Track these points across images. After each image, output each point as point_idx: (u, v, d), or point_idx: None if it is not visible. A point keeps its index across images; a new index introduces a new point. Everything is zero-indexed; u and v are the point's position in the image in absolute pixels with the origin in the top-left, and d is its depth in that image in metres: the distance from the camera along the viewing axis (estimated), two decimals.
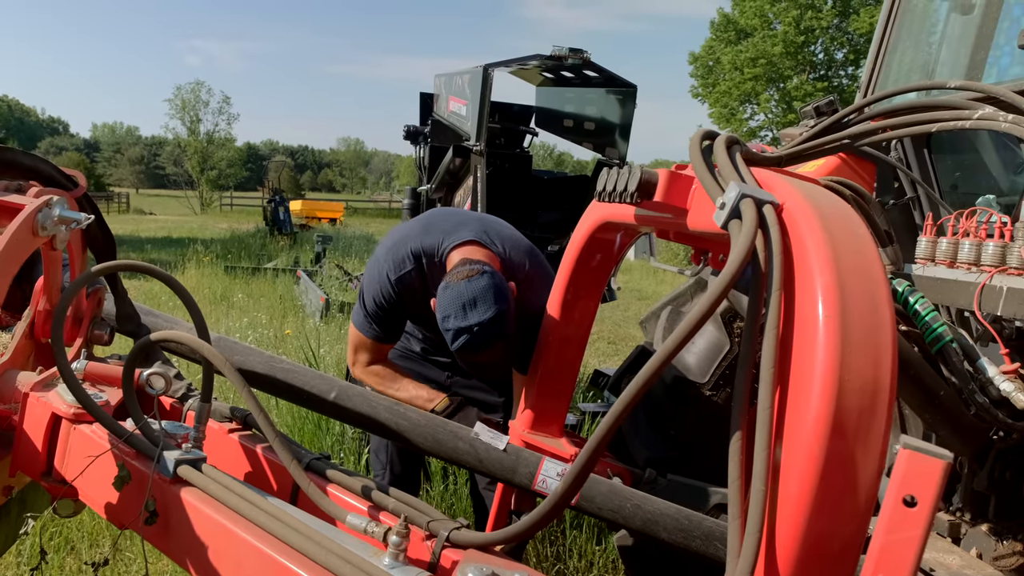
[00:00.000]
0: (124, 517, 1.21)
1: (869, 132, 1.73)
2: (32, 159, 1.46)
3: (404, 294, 2.10)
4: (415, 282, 2.09)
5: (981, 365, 1.74)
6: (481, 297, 1.81)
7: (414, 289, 2.10)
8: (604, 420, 0.95)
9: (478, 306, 1.80)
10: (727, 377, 2.04)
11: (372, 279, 2.14)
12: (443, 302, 1.86)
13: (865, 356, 0.89)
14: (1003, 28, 2.54)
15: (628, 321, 10.10)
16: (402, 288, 2.09)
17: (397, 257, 2.10)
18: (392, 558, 1.04)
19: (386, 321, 2.17)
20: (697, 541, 1.39)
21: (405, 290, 2.09)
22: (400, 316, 2.19)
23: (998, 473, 1.99)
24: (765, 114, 32.57)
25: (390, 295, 2.10)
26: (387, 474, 2.55)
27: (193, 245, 14.21)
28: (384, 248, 2.17)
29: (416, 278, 2.09)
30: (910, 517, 0.81)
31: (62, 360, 1.26)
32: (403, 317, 2.21)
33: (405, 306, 2.14)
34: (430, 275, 2.07)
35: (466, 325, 1.80)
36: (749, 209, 0.98)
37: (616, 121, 4.99)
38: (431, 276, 2.07)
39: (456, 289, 1.83)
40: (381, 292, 2.11)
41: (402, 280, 2.08)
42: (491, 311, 1.80)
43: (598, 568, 3.13)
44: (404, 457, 2.55)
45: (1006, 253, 1.80)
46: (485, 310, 1.80)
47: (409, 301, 2.12)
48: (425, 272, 2.08)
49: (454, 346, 1.85)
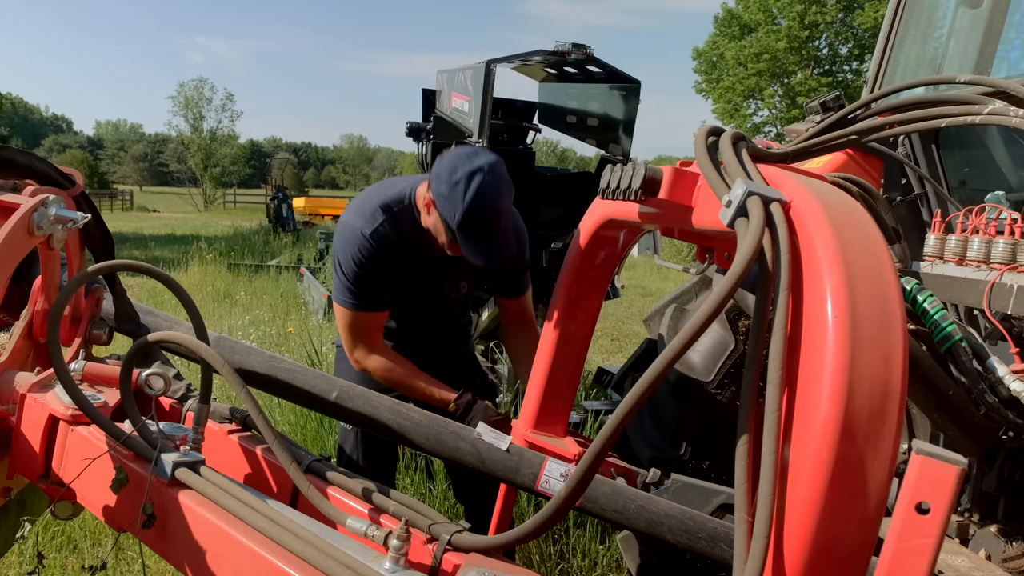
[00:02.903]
0: (122, 520, 1.20)
1: (876, 128, 1.71)
2: (28, 157, 1.45)
3: (381, 247, 2.08)
4: (390, 232, 2.09)
5: (991, 364, 1.72)
6: (479, 151, 1.94)
7: (390, 240, 2.09)
8: (609, 421, 0.94)
9: (479, 155, 1.90)
10: (732, 376, 2.02)
11: (346, 244, 2.11)
12: (445, 164, 1.90)
13: (875, 357, 0.87)
14: (1013, 22, 2.51)
15: (632, 318, 10.07)
16: (377, 241, 2.07)
17: (365, 214, 2.09)
18: (393, 562, 1.03)
19: (368, 284, 2.12)
20: (702, 543, 1.38)
21: (381, 242, 2.08)
22: (381, 276, 2.14)
23: (1007, 474, 1.97)
24: (769, 109, 32.46)
25: (368, 251, 2.07)
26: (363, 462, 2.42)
27: (196, 242, 14.22)
28: (348, 217, 2.15)
29: (390, 228, 2.09)
30: (923, 525, 0.79)
31: (58, 361, 1.25)
32: (383, 278, 2.15)
33: (384, 263, 2.11)
34: (401, 219, 2.09)
35: (476, 166, 1.85)
36: (756, 207, 0.96)
37: (619, 117, 4.96)
38: (402, 220, 2.09)
39: (453, 153, 1.91)
40: (359, 251, 2.08)
41: (376, 233, 2.07)
42: (493, 156, 1.90)
43: (602, 567, 3.11)
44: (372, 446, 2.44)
45: (1016, 250, 1.78)
46: (487, 155, 1.90)
47: (387, 254, 2.10)
48: (397, 218, 2.10)
49: (468, 195, 1.83)
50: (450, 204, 1.87)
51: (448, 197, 1.87)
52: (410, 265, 2.08)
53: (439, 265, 2.18)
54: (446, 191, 1.87)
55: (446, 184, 1.88)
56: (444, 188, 1.88)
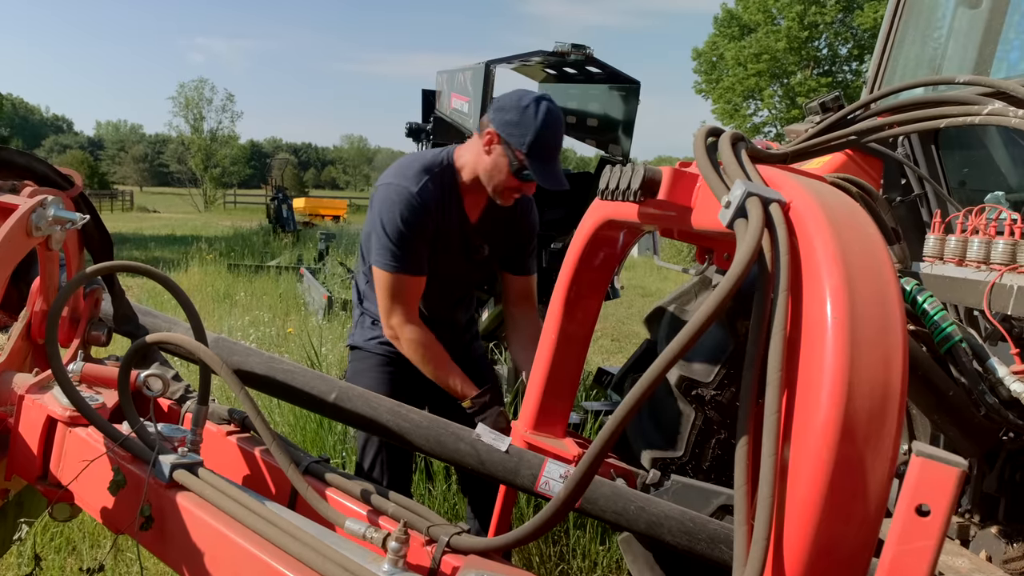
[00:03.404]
0: (120, 522, 1.20)
1: (876, 128, 1.71)
2: (27, 158, 1.45)
3: (427, 206, 2.19)
4: (434, 191, 2.21)
5: (991, 365, 1.71)
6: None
7: (434, 199, 2.21)
8: (608, 423, 0.93)
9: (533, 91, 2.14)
10: (732, 377, 2.01)
11: (392, 205, 2.18)
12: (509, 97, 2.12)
13: (875, 358, 0.87)
14: (1012, 22, 2.51)
15: (632, 318, 10.07)
16: (424, 199, 2.18)
17: (410, 176, 2.20)
18: (391, 564, 1.02)
19: (411, 246, 2.19)
20: (702, 544, 1.37)
21: (428, 200, 2.19)
22: (423, 237, 2.22)
23: (1008, 475, 1.97)
24: (769, 110, 32.47)
25: (416, 209, 2.16)
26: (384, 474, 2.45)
27: (197, 243, 14.21)
28: (391, 179, 2.23)
29: (434, 187, 2.21)
30: (923, 527, 0.78)
31: (56, 362, 1.24)
32: (425, 239, 2.23)
33: (426, 222, 2.21)
34: (442, 180, 2.23)
35: (539, 94, 2.10)
36: (755, 207, 0.96)
37: (619, 117, 4.96)
38: (443, 181, 2.23)
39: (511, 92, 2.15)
40: (407, 209, 2.16)
41: (424, 190, 2.18)
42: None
43: (602, 568, 3.11)
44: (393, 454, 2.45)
45: (1016, 251, 1.77)
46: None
47: (430, 213, 2.20)
48: (438, 178, 2.22)
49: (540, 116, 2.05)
50: (521, 128, 2.05)
51: (519, 123, 2.05)
52: (442, 227, 2.22)
53: (466, 228, 2.32)
54: (516, 117, 2.06)
55: (515, 111, 2.06)
56: (513, 115, 2.07)
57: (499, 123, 2.10)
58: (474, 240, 2.36)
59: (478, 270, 2.47)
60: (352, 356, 2.53)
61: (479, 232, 2.35)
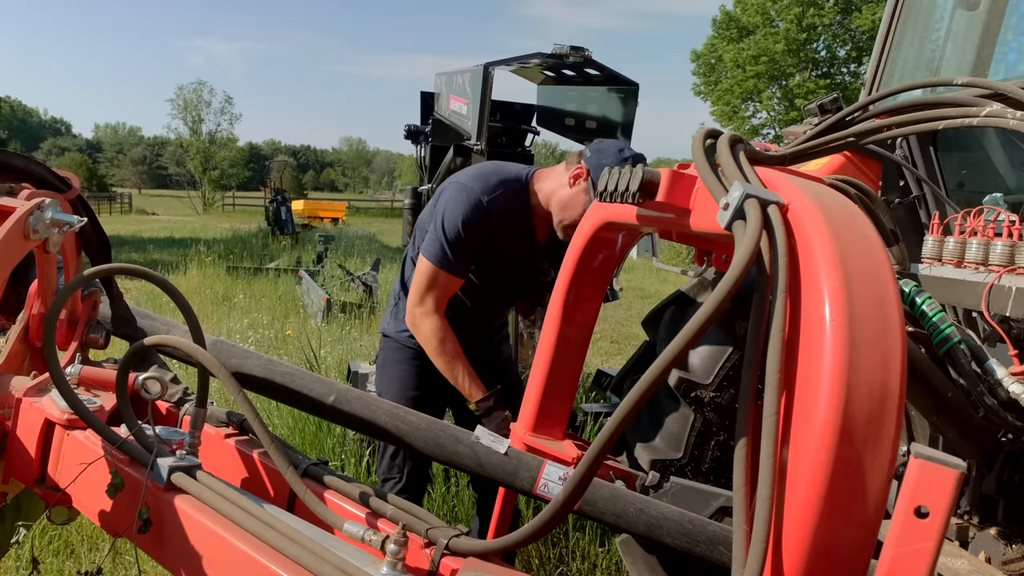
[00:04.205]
0: (118, 525, 1.19)
1: (874, 130, 1.71)
2: (24, 161, 1.45)
3: (491, 217, 2.24)
4: (503, 205, 2.26)
5: (990, 367, 1.71)
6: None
7: (501, 212, 2.26)
8: (607, 424, 0.93)
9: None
10: (731, 378, 2.01)
11: (459, 205, 2.24)
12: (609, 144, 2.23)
13: (874, 359, 0.87)
14: (1010, 24, 2.51)
15: (631, 320, 10.07)
16: (492, 209, 2.24)
17: (487, 184, 2.27)
18: (390, 567, 1.02)
19: (463, 249, 2.25)
20: (701, 546, 1.37)
21: (494, 212, 2.24)
22: (476, 245, 2.27)
23: (1007, 476, 1.96)
24: (767, 112, 32.51)
25: (480, 217, 2.22)
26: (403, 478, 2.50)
27: (195, 245, 14.20)
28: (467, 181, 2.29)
29: (504, 201, 2.27)
30: (922, 529, 0.78)
31: (54, 365, 1.24)
32: (477, 247, 2.28)
33: (485, 232, 2.26)
34: (518, 197, 2.30)
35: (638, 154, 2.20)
36: (754, 209, 0.96)
37: (618, 119, 4.96)
38: (516, 199, 2.29)
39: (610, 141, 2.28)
40: (471, 214, 2.22)
41: (494, 202, 2.24)
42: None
43: (601, 570, 3.11)
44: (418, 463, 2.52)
45: (1014, 252, 1.78)
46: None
47: (492, 225, 2.26)
48: (512, 195, 2.29)
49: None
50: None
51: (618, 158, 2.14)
52: (507, 241, 2.28)
53: (533, 248, 2.37)
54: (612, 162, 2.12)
55: (613, 158, 2.14)
56: (611, 161, 2.14)
57: (594, 164, 2.16)
58: (539, 261, 2.41)
59: (535, 289, 2.51)
60: (384, 344, 2.57)
61: (546, 255, 2.39)
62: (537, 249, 2.37)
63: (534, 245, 2.36)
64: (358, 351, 5.89)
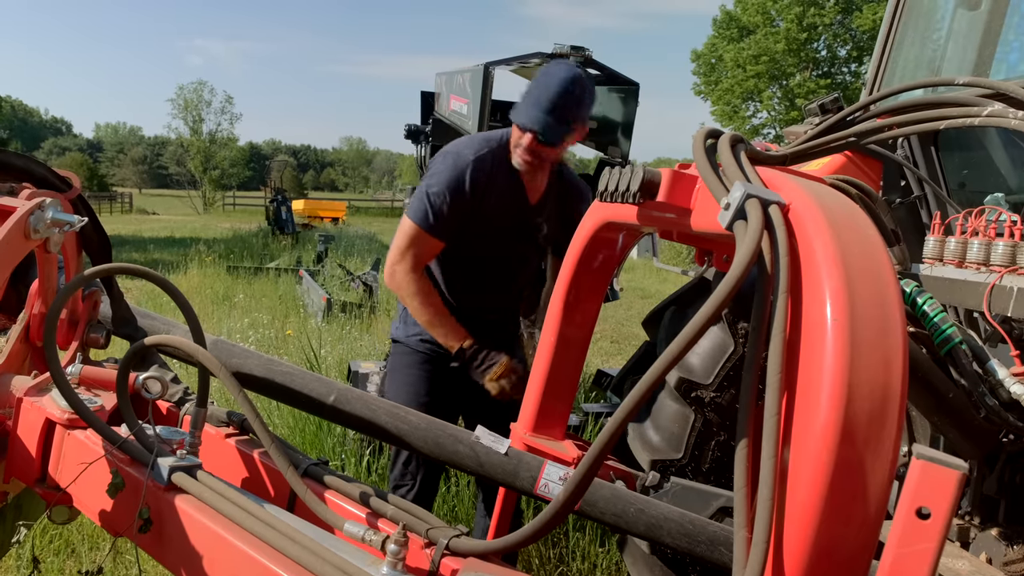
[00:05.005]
0: (118, 525, 1.19)
1: (875, 130, 1.71)
2: (25, 160, 1.45)
3: (478, 173, 2.28)
4: (490, 163, 2.30)
5: (991, 367, 1.71)
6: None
7: (488, 168, 2.30)
8: (608, 424, 0.93)
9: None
10: (732, 378, 2.01)
11: (446, 164, 2.30)
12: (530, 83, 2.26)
13: (875, 360, 0.86)
14: (1012, 23, 2.51)
15: (631, 320, 10.07)
16: (478, 164, 2.28)
17: (473, 145, 2.33)
18: (390, 567, 1.02)
19: (448, 212, 2.27)
20: (702, 546, 1.37)
21: (481, 167, 2.28)
22: (463, 210, 2.29)
23: (1008, 477, 1.96)
24: (768, 111, 32.50)
25: (462, 173, 2.26)
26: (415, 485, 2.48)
27: (196, 245, 14.20)
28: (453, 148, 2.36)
29: (491, 160, 2.31)
30: (924, 530, 0.78)
31: (55, 365, 1.24)
32: (463, 214, 2.30)
33: (474, 195, 2.29)
34: (499, 156, 2.32)
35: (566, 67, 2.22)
36: (755, 209, 0.96)
37: (618, 119, 4.97)
38: (500, 157, 2.32)
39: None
40: (457, 169, 2.26)
41: (480, 160, 2.28)
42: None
43: (601, 570, 3.11)
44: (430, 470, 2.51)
45: (1016, 252, 1.77)
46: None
47: (481, 187, 2.29)
48: (497, 152, 2.32)
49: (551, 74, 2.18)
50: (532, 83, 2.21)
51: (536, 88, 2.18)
52: (497, 201, 2.32)
53: (525, 208, 2.39)
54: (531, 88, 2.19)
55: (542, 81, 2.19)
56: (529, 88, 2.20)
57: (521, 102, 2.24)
58: (533, 219, 2.44)
59: (534, 249, 2.53)
60: (394, 349, 2.57)
61: (539, 213, 2.42)
62: (529, 209, 2.40)
63: (525, 205, 2.39)
64: (358, 351, 5.89)
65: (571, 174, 2.57)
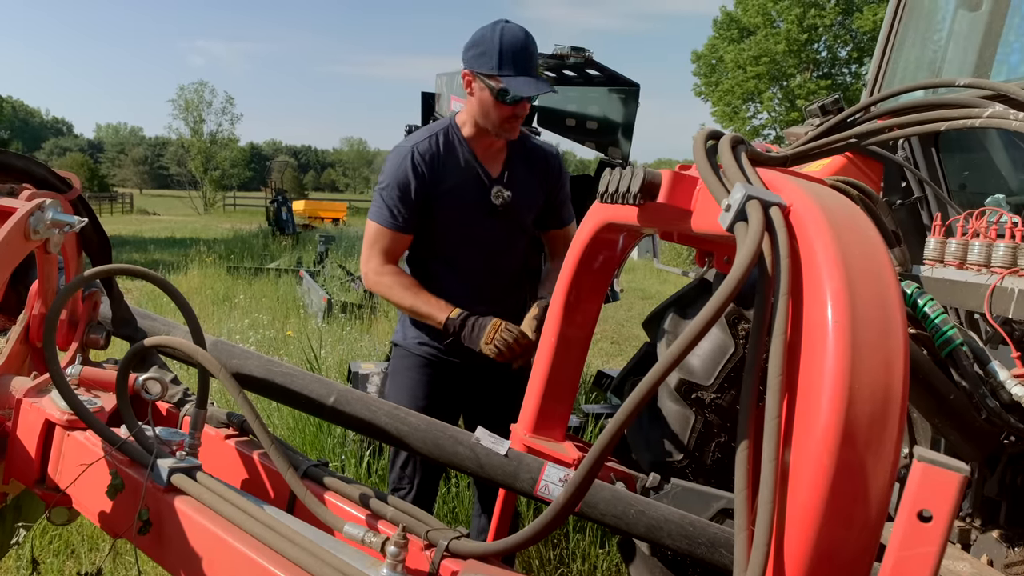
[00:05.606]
0: (118, 526, 1.19)
1: (876, 131, 1.71)
2: (25, 161, 1.44)
3: (426, 161, 2.30)
4: (434, 147, 2.33)
5: (992, 369, 1.71)
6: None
7: (433, 154, 2.32)
8: (608, 426, 0.93)
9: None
10: (732, 380, 2.01)
11: (391, 164, 2.33)
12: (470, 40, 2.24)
13: (876, 362, 0.86)
14: (1012, 25, 2.51)
15: (631, 321, 10.06)
16: (422, 154, 2.30)
17: (416, 138, 2.36)
18: (390, 569, 1.01)
19: (402, 203, 2.30)
20: (702, 548, 1.37)
21: (425, 155, 2.31)
22: (418, 198, 2.31)
23: (1009, 479, 1.96)
24: (768, 112, 32.51)
25: (410, 164, 2.29)
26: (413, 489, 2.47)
27: (196, 245, 14.21)
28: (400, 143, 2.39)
29: (438, 146, 2.34)
30: (925, 532, 0.78)
31: (54, 365, 1.24)
32: (420, 199, 2.32)
33: (425, 180, 2.30)
34: (449, 138, 2.36)
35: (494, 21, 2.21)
36: (755, 211, 0.96)
37: (619, 120, 4.96)
38: (450, 138, 2.35)
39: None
40: (403, 163, 2.29)
41: (422, 148, 2.31)
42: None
43: (601, 572, 3.10)
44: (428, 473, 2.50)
45: (1017, 254, 1.77)
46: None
47: (430, 172, 2.31)
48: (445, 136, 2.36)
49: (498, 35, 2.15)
50: (486, 54, 2.15)
51: (483, 51, 2.16)
52: (459, 182, 2.34)
53: (487, 182, 2.38)
54: (479, 47, 2.17)
55: (477, 44, 2.18)
56: (477, 48, 2.18)
57: (468, 60, 2.21)
58: (491, 188, 2.42)
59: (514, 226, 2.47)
60: (394, 353, 2.57)
61: (502, 182, 2.41)
62: (492, 180, 2.39)
63: (488, 178, 2.38)
64: (358, 351, 5.89)
65: (532, 139, 2.56)
